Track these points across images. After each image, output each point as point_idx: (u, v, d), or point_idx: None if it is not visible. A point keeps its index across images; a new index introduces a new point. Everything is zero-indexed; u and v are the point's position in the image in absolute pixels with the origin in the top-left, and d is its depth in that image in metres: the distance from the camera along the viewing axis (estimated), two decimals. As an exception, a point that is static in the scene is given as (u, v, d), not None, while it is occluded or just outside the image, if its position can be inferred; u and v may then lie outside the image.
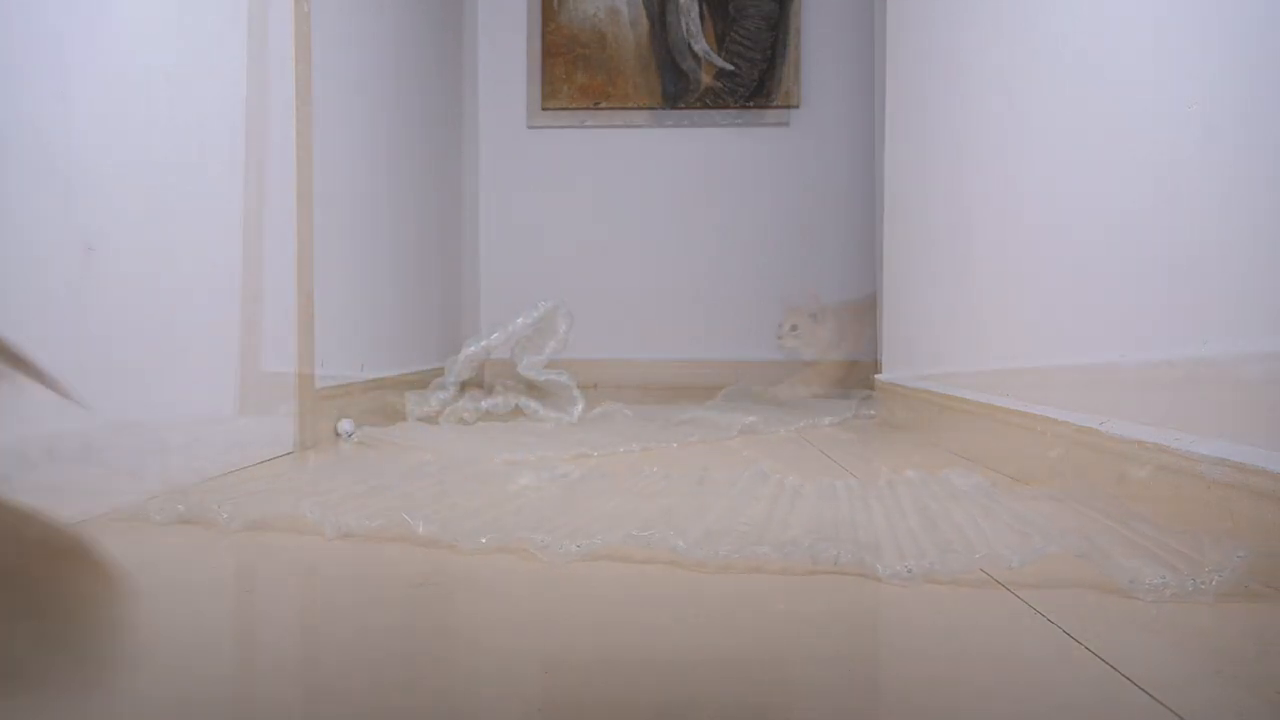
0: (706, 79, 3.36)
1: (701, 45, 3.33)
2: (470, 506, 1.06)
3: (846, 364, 3.20)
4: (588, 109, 3.40)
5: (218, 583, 0.89)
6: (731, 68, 3.33)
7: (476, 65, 3.40)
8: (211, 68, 1.45)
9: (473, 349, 2.26)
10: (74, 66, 1.13)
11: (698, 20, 3.33)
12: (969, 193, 1.83)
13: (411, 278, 2.54)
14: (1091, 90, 1.35)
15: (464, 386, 2.31)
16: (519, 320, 2.32)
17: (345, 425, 1.86)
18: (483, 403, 2.22)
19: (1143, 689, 0.58)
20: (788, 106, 3.35)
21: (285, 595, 0.86)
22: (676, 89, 3.37)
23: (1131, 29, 1.25)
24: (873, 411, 2.36)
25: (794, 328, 2.82)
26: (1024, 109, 1.58)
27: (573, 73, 3.39)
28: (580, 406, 2.23)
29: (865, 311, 2.94)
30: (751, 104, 3.36)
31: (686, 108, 3.38)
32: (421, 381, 2.49)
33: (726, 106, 3.36)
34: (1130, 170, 1.24)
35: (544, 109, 3.41)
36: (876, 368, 2.48)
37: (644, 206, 3.42)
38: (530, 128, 3.42)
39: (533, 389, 2.30)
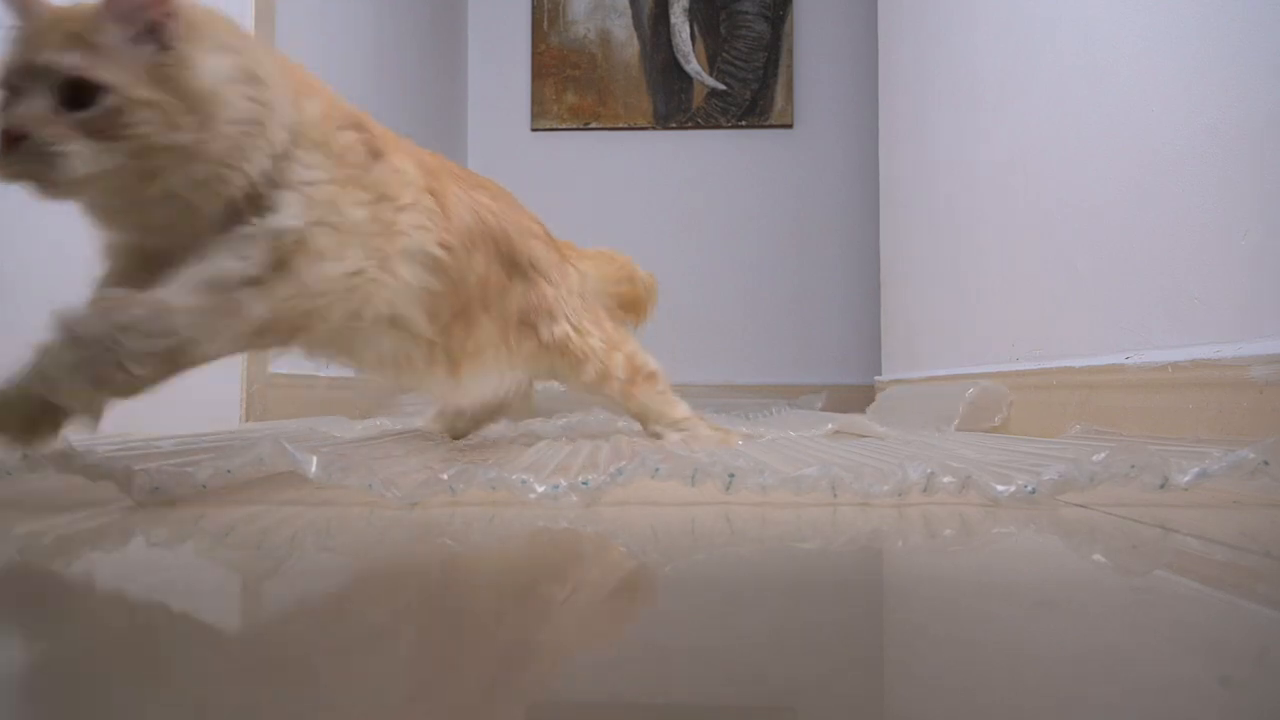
0: (698, 99, 3.32)
1: (693, 65, 3.30)
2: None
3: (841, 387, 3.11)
4: (578, 129, 3.35)
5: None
6: (723, 87, 3.30)
7: (466, 84, 3.37)
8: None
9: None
10: None
11: (689, 40, 3.31)
12: (966, 196, 1.75)
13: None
14: (1090, 91, 1.29)
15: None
16: None
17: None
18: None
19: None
20: (781, 125, 3.31)
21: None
22: (668, 109, 3.34)
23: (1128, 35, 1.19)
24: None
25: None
26: (1020, 111, 1.52)
27: (563, 93, 3.36)
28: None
29: None
30: (744, 123, 3.31)
31: (679, 127, 3.33)
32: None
33: (719, 126, 3.32)
34: (1126, 173, 1.17)
35: (534, 129, 3.36)
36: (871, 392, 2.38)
37: (638, 219, 3.35)
38: (521, 145, 3.37)
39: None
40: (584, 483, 0.71)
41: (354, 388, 2.07)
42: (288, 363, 1.73)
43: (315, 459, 0.71)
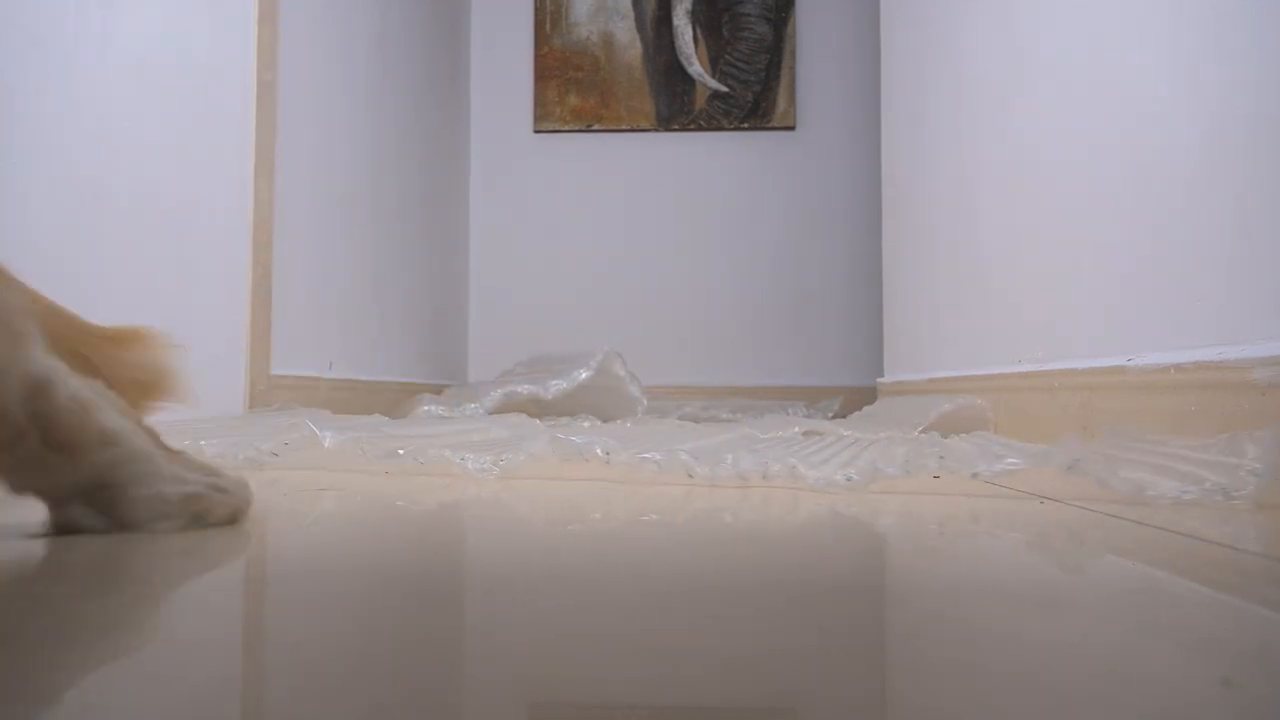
0: (700, 101, 3.32)
1: (695, 68, 3.30)
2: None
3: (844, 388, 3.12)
4: (580, 131, 3.36)
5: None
6: (725, 89, 3.30)
7: (469, 87, 3.38)
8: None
9: (524, 389, 2.17)
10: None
11: (691, 43, 3.31)
12: (967, 198, 1.75)
13: (394, 293, 2.46)
14: (1091, 93, 1.29)
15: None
16: (583, 374, 2.23)
17: None
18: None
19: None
20: (783, 128, 3.31)
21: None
22: (670, 111, 3.34)
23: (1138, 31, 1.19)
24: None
25: None
26: (1021, 113, 1.52)
27: (565, 95, 3.36)
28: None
29: None
30: (746, 125, 3.31)
31: (680, 129, 3.34)
32: (405, 391, 2.39)
33: (721, 128, 3.32)
34: (1127, 174, 1.17)
35: (536, 131, 3.37)
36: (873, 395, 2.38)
37: (640, 221, 3.35)
38: (524, 147, 3.38)
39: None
40: (502, 460, 0.90)
41: (355, 389, 2.07)
42: (289, 364, 1.73)
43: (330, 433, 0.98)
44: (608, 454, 0.87)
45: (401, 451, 0.92)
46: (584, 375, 2.21)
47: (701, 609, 0.41)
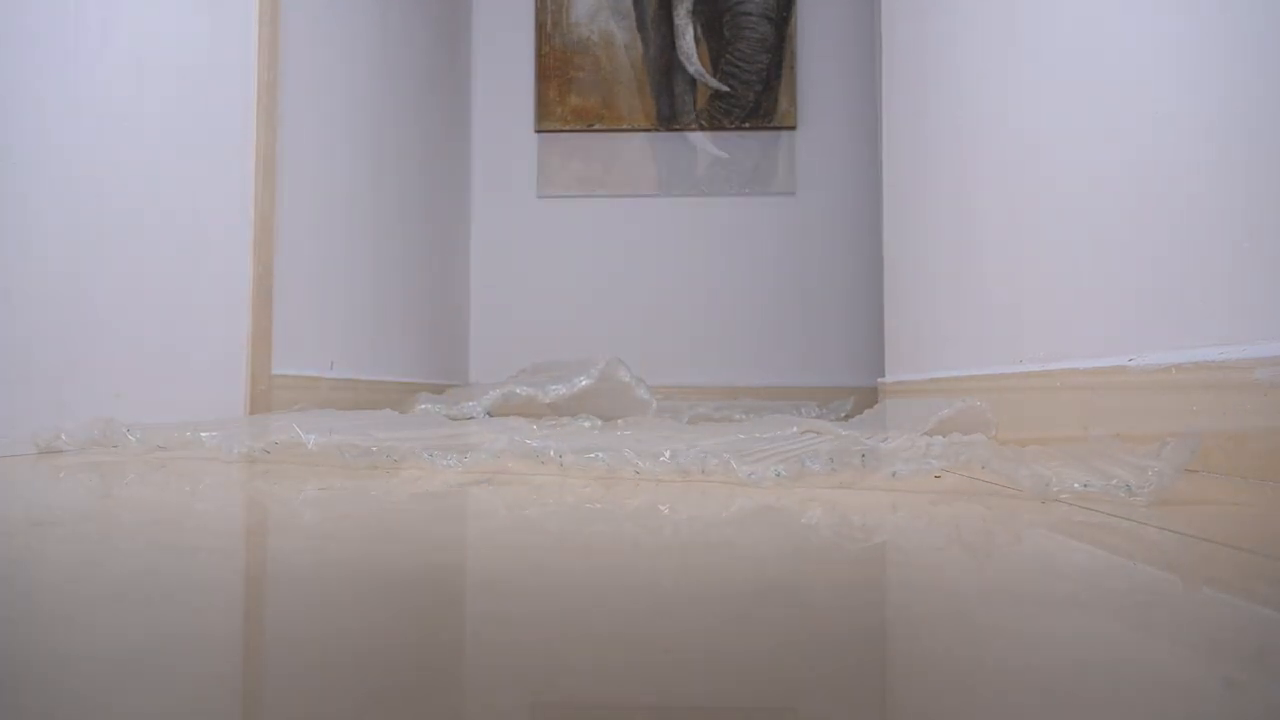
0: (701, 100, 3.32)
1: (696, 67, 3.30)
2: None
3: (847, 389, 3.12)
4: (582, 130, 3.36)
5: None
6: (726, 89, 3.30)
7: (470, 86, 3.38)
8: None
9: (521, 391, 2.19)
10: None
11: (692, 43, 3.31)
12: (968, 198, 1.75)
13: (395, 292, 2.46)
14: (1093, 94, 1.29)
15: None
16: (583, 381, 2.24)
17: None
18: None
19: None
20: (784, 127, 3.31)
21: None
22: (671, 110, 3.34)
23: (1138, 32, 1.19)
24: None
25: None
26: (1022, 113, 1.51)
27: (566, 95, 3.36)
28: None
29: None
30: (747, 124, 3.31)
31: (681, 129, 3.34)
32: (406, 390, 2.40)
33: (722, 127, 3.32)
34: (1129, 174, 1.17)
35: (538, 130, 3.37)
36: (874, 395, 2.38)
37: (641, 221, 3.35)
38: (525, 147, 3.38)
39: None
40: (465, 456, 0.99)
41: (356, 389, 2.07)
42: (290, 363, 1.73)
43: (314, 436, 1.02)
44: (560, 456, 0.93)
45: (375, 449, 0.98)
46: (584, 382, 2.22)
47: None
